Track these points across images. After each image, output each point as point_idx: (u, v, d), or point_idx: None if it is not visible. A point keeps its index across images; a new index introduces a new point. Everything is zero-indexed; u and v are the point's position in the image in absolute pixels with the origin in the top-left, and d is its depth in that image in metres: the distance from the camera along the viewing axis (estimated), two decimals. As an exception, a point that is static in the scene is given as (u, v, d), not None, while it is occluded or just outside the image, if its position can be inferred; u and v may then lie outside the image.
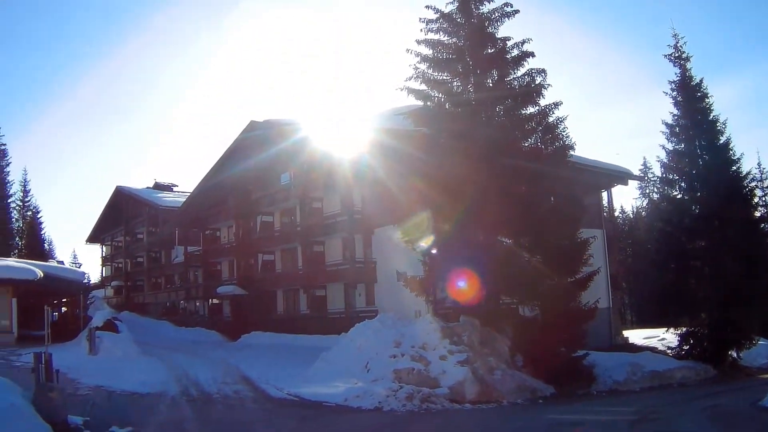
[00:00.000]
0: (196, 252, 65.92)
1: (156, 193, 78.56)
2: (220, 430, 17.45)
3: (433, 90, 29.07)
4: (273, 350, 37.63)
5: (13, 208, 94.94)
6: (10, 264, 47.11)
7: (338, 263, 45.35)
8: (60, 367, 18.78)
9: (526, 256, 27.07)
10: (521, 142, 28.54)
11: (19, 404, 16.01)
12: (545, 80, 28.07)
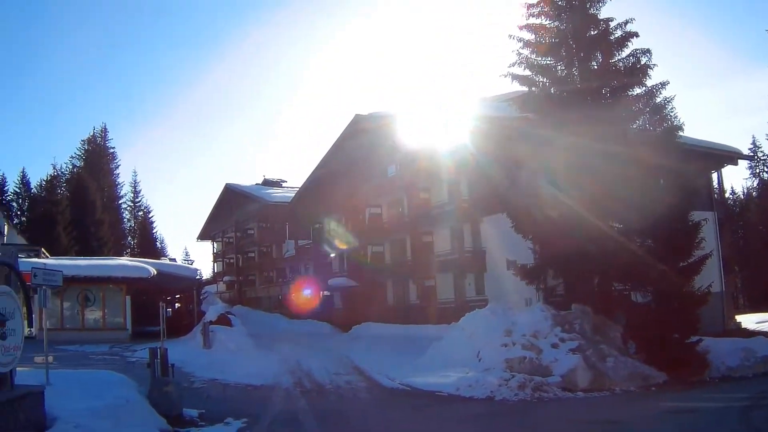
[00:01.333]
0: (306, 245, 66.56)
1: (265, 189, 79.51)
2: (333, 421, 17.47)
3: (537, 75, 28.64)
4: (384, 341, 37.63)
5: (125, 209, 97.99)
6: (123, 263, 48.42)
7: (447, 253, 45.07)
8: (175, 362, 19.14)
9: (637, 240, 26.47)
10: (629, 124, 27.93)
11: (134, 399, 16.37)
12: (650, 60, 27.32)
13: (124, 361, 30.16)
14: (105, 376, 18.89)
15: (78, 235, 74.64)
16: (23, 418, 12.66)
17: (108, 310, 44.74)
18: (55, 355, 19.64)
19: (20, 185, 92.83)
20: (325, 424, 16.64)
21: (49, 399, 14.14)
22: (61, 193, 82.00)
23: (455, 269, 43.84)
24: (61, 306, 42.23)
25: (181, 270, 56.27)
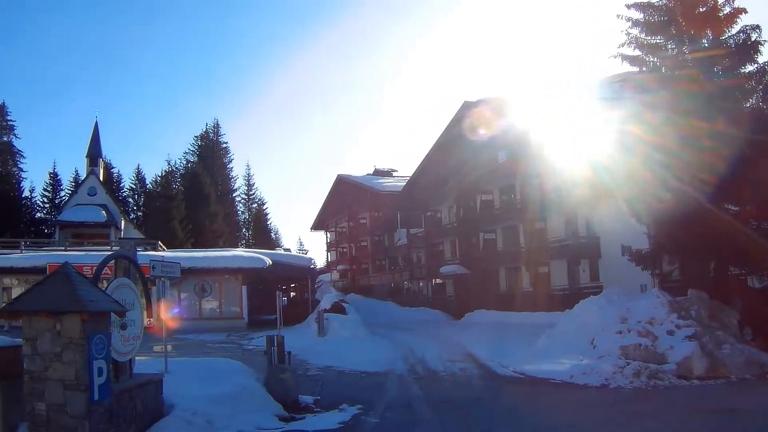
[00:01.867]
0: (418, 234, 66.71)
1: (376, 179, 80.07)
2: (447, 408, 17.44)
3: (648, 55, 28.06)
4: (496, 328, 37.44)
5: (239, 201, 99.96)
6: (239, 254, 49.37)
7: (560, 239, 44.60)
8: (290, 349, 19.45)
9: (753, 223, 25.77)
10: (742, 103, 27.18)
11: (252, 386, 16.69)
12: (760, 36, 26.52)
13: (241, 349, 30.78)
14: (222, 364, 19.28)
15: (193, 228, 76.43)
16: (141, 406, 13.06)
17: (224, 299, 45.81)
18: (174, 344, 20.16)
19: (136, 181, 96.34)
20: (439, 411, 16.61)
21: (168, 387, 14.53)
22: (176, 187, 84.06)
23: (569, 255, 43.40)
24: (178, 297, 43.37)
25: (296, 260, 57.09)
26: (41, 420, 10.63)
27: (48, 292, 10.86)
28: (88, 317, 10.56)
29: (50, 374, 10.60)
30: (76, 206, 70.70)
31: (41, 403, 10.63)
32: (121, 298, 12.63)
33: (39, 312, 10.66)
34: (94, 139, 76.63)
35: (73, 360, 10.49)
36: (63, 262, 11.92)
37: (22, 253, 49.77)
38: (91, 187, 72.45)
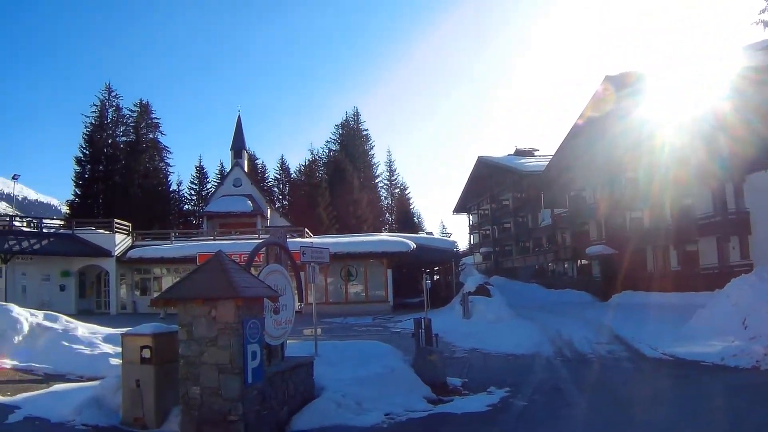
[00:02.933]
0: (562, 214, 65.93)
1: (518, 159, 79.32)
2: (595, 390, 17.18)
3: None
4: (644, 309, 36.63)
5: (381, 187, 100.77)
6: (384, 238, 49.91)
7: (709, 215, 43.30)
8: (436, 332, 19.59)
9: None
10: None
11: (400, 368, 16.89)
12: None
13: (387, 332, 31.13)
14: (371, 347, 19.58)
15: (338, 214, 77.58)
16: (293, 388, 13.41)
17: (370, 283, 46.39)
18: (322, 328, 20.58)
19: (280, 171, 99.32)
20: (587, 394, 16.42)
21: (318, 369, 14.88)
22: (319, 176, 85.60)
23: (718, 232, 42.13)
24: (325, 281, 44.18)
25: (439, 243, 57.16)
26: (195, 403, 11.07)
27: (203, 279, 11.28)
28: (242, 303, 10.92)
29: (205, 359, 11.03)
30: (223, 197, 73.08)
31: (196, 387, 11.06)
32: (273, 284, 12.99)
33: (194, 299, 11.09)
34: (237, 133, 79.33)
35: (227, 344, 10.88)
36: (217, 251, 12.36)
37: (172, 243, 51.71)
38: (237, 178, 74.78)
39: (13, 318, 21.45)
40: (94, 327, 22.66)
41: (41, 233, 49.46)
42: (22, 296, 43.89)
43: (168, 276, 49.64)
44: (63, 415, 12.83)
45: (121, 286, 49.62)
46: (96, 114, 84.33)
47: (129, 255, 49.01)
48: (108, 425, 12.35)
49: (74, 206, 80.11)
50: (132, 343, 12.51)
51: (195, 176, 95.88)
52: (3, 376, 17.48)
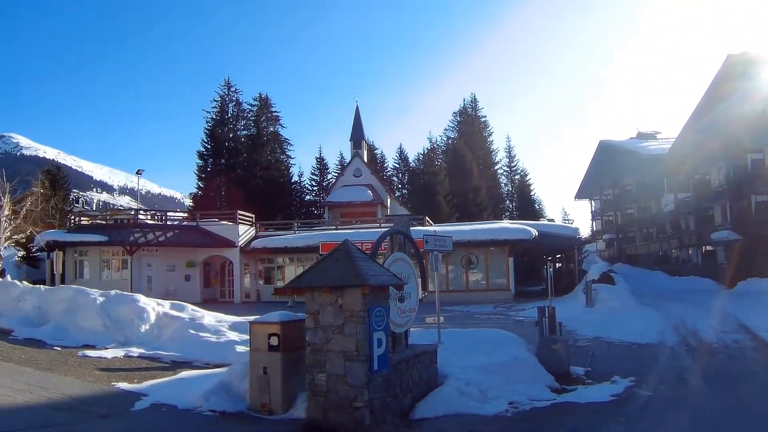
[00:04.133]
0: (686, 198, 64.20)
1: (640, 142, 77.56)
2: (721, 381, 16.69)
3: None
4: (773, 297, 35.58)
5: (501, 174, 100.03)
6: (505, 226, 49.55)
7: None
8: (559, 320, 19.37)
9: None
10: None
11: (524, 356, 16.75)
12: None
13: (510, 320, 30.87)
14: (494, 335, 19.46)
15: (458, 202, 77.26)
16: (417, 376, 13.41)
17: (491, 271, 46.13)
18: (444, 316, 20.53)
19: (399, 160, 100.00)
20: (713, 384, 15.94)
21: (441, 357, 14.87)
22: (438, 164, 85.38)
23: None
24: (446, 269, 44.12)
25: (561, 230, 56.37)
26: (321, 390, 11.20)
27: (330, 268, 11.39)
28: (368, 291, 10.99)
29: (332, 346, 11.14)
30: (343, 187, 73.70)
31: (322, 374, 11.20)
32: (398, 272, 13.03)
33: (322, 287, 11.21)
34: (356, 123, 79.94)
35: (354, 332, 10.96)
36: (344, 239, 12.46)
37: (295, 233, 52.37)
38: (356, 168, 75.33)
39: (139, 308, 22.09)
40: (219, 315, 23.14)
41: (166, 225, 50.93)
42: (148, 286, 45.21)
43: (291, 265, 50.40)
44: (190, 401, 13.12)
45: (245, 276, 50.54)
46: (217, 109, 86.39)
47: (253, 245, 49.92)
48: (235, 411, 12.61)
49: (197, 199, 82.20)
50: (260, 330, 12.73)
51: (315, 167, 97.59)
52: (131, 364, 18.00)
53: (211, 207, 69.56)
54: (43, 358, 18.00)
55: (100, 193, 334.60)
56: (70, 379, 15.41)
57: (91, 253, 48.89)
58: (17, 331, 22.06)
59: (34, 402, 12.81)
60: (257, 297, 49.79)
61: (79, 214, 58.59)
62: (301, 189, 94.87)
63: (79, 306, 22.96)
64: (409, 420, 12.38)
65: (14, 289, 26.19)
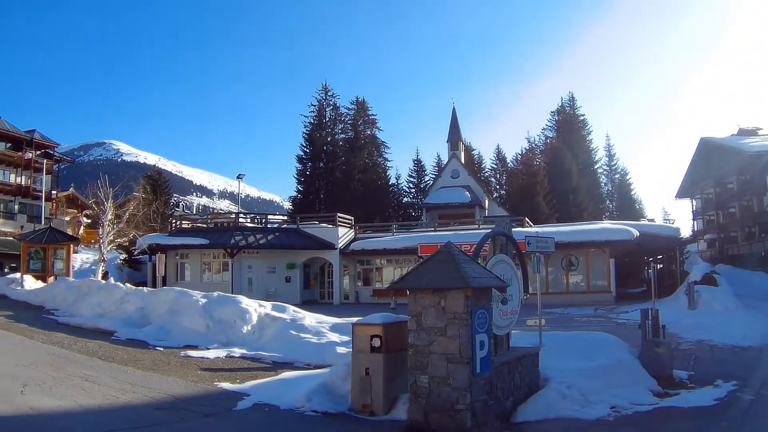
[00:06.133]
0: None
1: (741, 139, 75.57)
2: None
3: None
4: None
5: (601, 173, 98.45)
6: (605, 226, 48.80)
7: None
8: (662, 323, 19.06)
9: None
10: None
11: (626, 360, 16.53)
12: None
13: (610, 323, 30.44)
14: (596, 337, 19.26)
15: (557, 202, 76.49)
16: (519, 378, 13.33)
17: (591, 273, 45.56)
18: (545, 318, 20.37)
19: (497, 161, 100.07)
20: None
21: (542, 360, 14.78)
22: (537, 164, 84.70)
23: None
24: (546, 271, 43.75)
25: (662, 230, 55.27)
26: (423, 391, 11.23)
27: (433, 270, 11.41)
28: (471, 293, 10.98)
29: (434, 348, 11.16)
30: (441, 189, 73.91)
31: (424, 376, 11.22)
32: (500, 274, 12.98)
33: (424, 289, 11.22)
34: (453, 125, 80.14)
35: (456, 334, 10.96)
36: (446, 241, 12.47)
37: (393, 235, 52.55)
38: (454, 170, 75.49)
39: (242, 309, 22.42)
40: (320, 317, 23.32)
41: (266, 228, 51.80)
42: (249, 288, 45.99)
43: (389, 267, 50.73)
44: (292, 401, 13.25)
45: (344, 277, 50.97)
46: (315, 113, 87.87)
47: (352, 247, 50.37)
48: (337, 412, 12.69)
49: (297, 202, 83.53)
50: (362, 332, 12.80)
51: (413, 169, 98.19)
52: (233, 364, 18.28)
53: (310, 210, 70.52)
54: (146, 359, 18.44)
55: (200, 197, 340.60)
56: (173, 379, 15.72)
57: (192, 255, 50.02)
58: (120, 332, 22.63)
59: (137, 401, 13.10)
60: (356, 298, 50.19)
61: (180, 217, 60.19)
62: (399, 191, 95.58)
63: (182, 307, 23.44)
64: (510, 423, 12.34)
65: (117, 291, 26.92)
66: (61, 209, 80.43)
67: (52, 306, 28.50)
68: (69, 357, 17.75)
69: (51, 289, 30.93)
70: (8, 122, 79.74)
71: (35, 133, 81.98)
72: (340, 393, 13.28)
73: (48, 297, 29.73)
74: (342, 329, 20.33)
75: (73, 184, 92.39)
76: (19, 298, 31.18)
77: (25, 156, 79.11)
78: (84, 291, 28.31)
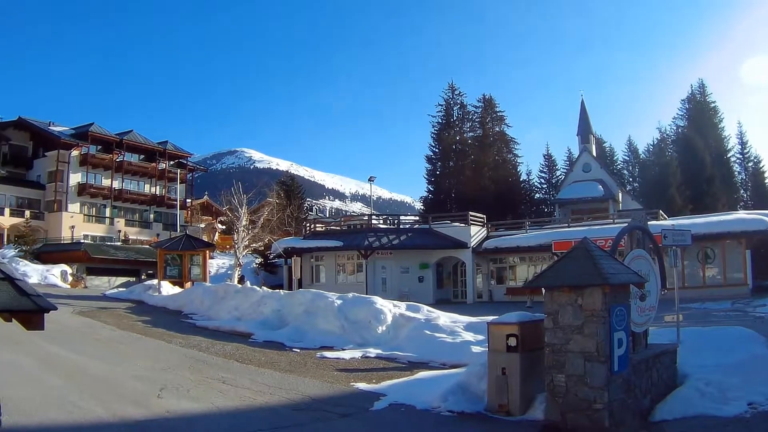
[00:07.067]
0: None
1: None
2: None
3: None
4: None
5: (734, 162, 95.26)
6: (740, 217, 47.20)
7: None
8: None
9: None
10: None
11: (764, 355, 16.00)
12: None
13: (747, 317, 29.39)
14: (733, 332, 18.66)
15: (690, 194, 74.54)
16: (656, 376, 13.07)
17: (727, 265, 44.20)
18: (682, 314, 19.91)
19: (628, 153, 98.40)
20: None
21: (680, 356, 14.43)
22: (669, 154, 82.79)
23: None
24: (682, 264, 42.67)
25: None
26: (560, 391, 11.12)
27: (569, 267, 11.29)
28: (609, 290, 10.82)
29: (571, 347, 11.04)
30: (573, 183, 72.93)
31: (561, 375, 11.12)
32: (637, 269, 12.74)
33: (560, 287, 11.12)
34: (582, 118, 78.89)
35: (594, 332, 10.81)
36: (582, 237, 12.35)
37: (526, 232, 52.13)
38: (585, 163, 74.39)
39: (376, 309, 22.58)
40: (454, 316, 23.28)
41: (399, 229, 52.32)
42: (383, 288, 46.35)
43: (522, 265, 50.45)
44: (428, 401, 13.29)
45: (477, 276, 50.83)
46: (442, 113, 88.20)
47: (484, 245, 50.18)
48: (473, 411, 12.66)
49: (428, 202, 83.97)
50: (498, 331, 12.75)
51: (543, 164, 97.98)
52: (369, 365, 18.43)
53: (441, 209, 70.66)
54: (283, 360, 18.77)
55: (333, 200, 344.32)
56: (309, 380, 15.96)
57: (327, 257, 50.86)
58: (256, 334, 23.11)
59: (274, 402, 13.37)
60: (489, 297, 50.03)
61: (314, 221, 61.11)
62: (530, 187, 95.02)
63: (318, 309, 23.79)
64: (648, 422, 12.12)
65: (254, 295, 27.51)
66: (196, 216, 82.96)
67: (190, 310, 29.43)
68: (206, 360, 18.26)
69: (188, 294, 31.89)
70: (141, 135, 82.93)
71: (168, 144, 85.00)
72: (476, 393, 13.23)
73: (185, 302, 30.67)
74: (476, 328, 20.23)
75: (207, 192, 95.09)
76: (156, 304, 32.29)
77: (158, 166, 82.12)
78: (221, 295, 29.05)
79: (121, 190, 78.94)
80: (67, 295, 36.11)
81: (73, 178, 74.82)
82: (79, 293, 39.93)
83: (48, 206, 74.49)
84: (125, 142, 79.96)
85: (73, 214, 73.56)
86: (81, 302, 31.79)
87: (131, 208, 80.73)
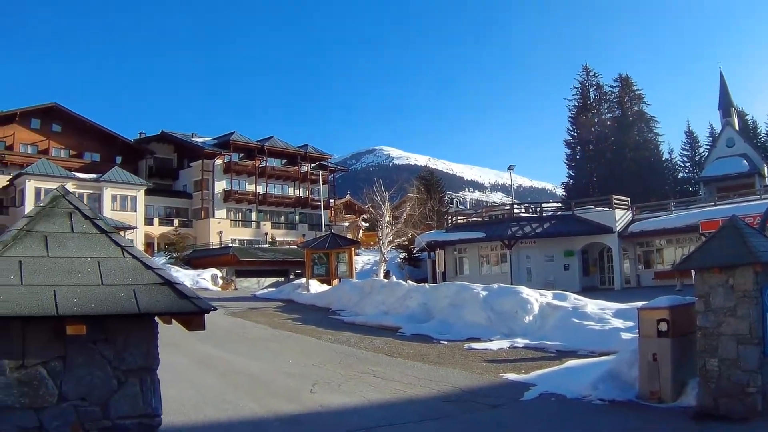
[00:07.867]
0: None
1: None
2: None
3: None
4: None
5: None
6: None
7: None
8: None
9: None
10: None
11: None
12: None
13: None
14: None
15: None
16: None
17: None
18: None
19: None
20: None
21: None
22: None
23: None
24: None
25: None
26: (712, 376, 10.77)
27: (718, 246, 10.93)
28: (761, 268, 10.38)
29: (723, 329, 10.66)
30: (717, 160, 70.46)
31: (713, 359, 10.76)
32: None
33: (711, 267, 10.75)
34: (722, 91, 76.06)
35: (746, 314, 10.41)
36: (731, 215, 11.92)
37: (671, 214, 50.65)
38: (729, 138, 71.74)
39: (522, 299, 22.42)
40: (602, 303, 22.89)
41: (541, 217, 51.58)
42: (528, 278, 45.87)
43: (669, 247, 48.94)
44: (578, 390, 13.15)
45: (624, 261, 49.72)
46: (578, 96, 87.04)
47: (630, 229, 48.90)
48: (624, 399, 12.45)
49: (569, 187, 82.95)
50: (648, 316, 12.49)
51: (685, 142, 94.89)
52: (517, 355, 18.35)
53: (583, 194, 69.68)
54: (431, 353, 18.86)
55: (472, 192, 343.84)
56: (458, 371, 16.00)
57: (470, 249, 50.71)
58: (404, 327, 23.36)
59: (425, 394, 13.47)
60: (637, 282, 48.85)
61: (455, 213, 61.12)
62: (673, 166, 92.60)
63: (463, 301, 23.80)
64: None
65: (399, 289, 27.72)
66: (340, 215, 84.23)
67: (338, 307, 29.92)
68: (356, 354, 18.54)
69: (335, 291, 32.42)
70: (281, 140, 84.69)
71: (308, 148, 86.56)
72: (627, 380, 12.98)
73: (333, 299, 31.20)
74: (625, 315, 19.82)
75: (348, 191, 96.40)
76: (305, 302, 32.94)
77: (300, 169, 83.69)
78: (367, 291, 29.40)
79: (265, 194, 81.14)
80: (218, 297, 37.31)
81: (218, 185, 77.57)
82: (229, 295, 41.19)
83: (195, 214, 77.52)
84: (266, 148, 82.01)
85: (220, 219, 76.25)
86: (232, 303, 32.78)
87: (276, 210, 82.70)
